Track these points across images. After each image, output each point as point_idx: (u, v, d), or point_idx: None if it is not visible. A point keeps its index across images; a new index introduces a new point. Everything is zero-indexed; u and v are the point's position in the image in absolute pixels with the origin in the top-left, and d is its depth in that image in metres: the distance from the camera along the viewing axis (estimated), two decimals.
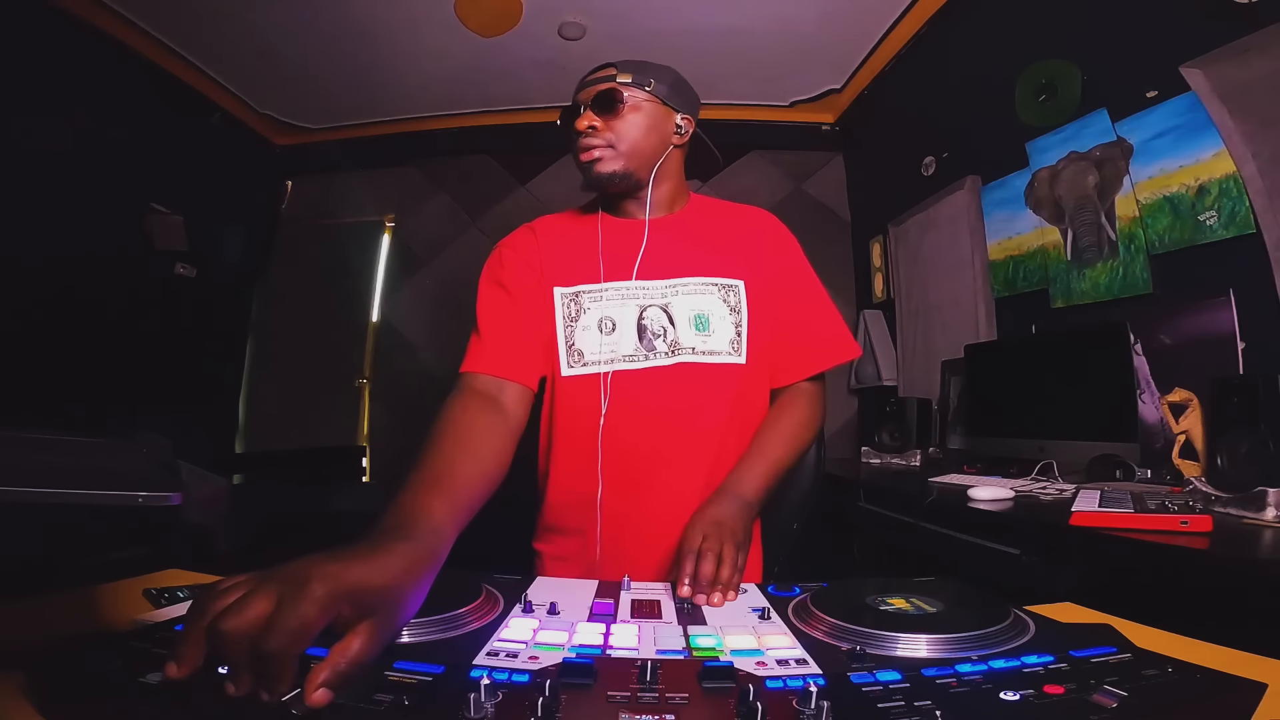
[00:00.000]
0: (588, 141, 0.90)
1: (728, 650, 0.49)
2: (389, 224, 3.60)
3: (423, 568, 0.49)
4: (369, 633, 0.41)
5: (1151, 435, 1.52)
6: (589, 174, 0.92)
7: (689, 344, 0.91)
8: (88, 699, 0.39)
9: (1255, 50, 1.38)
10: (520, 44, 2.76)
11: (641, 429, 0.90)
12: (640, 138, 0.91)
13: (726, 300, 0.94)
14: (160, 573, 0.68)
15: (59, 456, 0.58)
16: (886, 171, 3.03)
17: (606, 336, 0.91)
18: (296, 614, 0.38)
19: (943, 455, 2.30)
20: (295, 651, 0.38)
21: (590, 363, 0.91)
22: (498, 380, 0.87)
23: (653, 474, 0.90)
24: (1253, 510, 1.04)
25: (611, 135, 0.90)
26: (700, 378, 0.91)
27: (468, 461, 0.69)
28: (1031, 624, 0.54)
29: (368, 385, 3.50)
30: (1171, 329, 1.60)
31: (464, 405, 0.81)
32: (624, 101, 0.90)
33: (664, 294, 0.93)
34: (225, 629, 0.38)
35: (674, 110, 0.95)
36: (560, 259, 0.95)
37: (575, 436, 0.92)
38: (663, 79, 0.94)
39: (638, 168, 0.92)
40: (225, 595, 0.41)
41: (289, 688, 0.38)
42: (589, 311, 0.92)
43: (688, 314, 0.92)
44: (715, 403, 0.91)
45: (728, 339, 0.92)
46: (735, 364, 0.92)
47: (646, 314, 0.92)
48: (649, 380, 0.90)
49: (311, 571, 0.41)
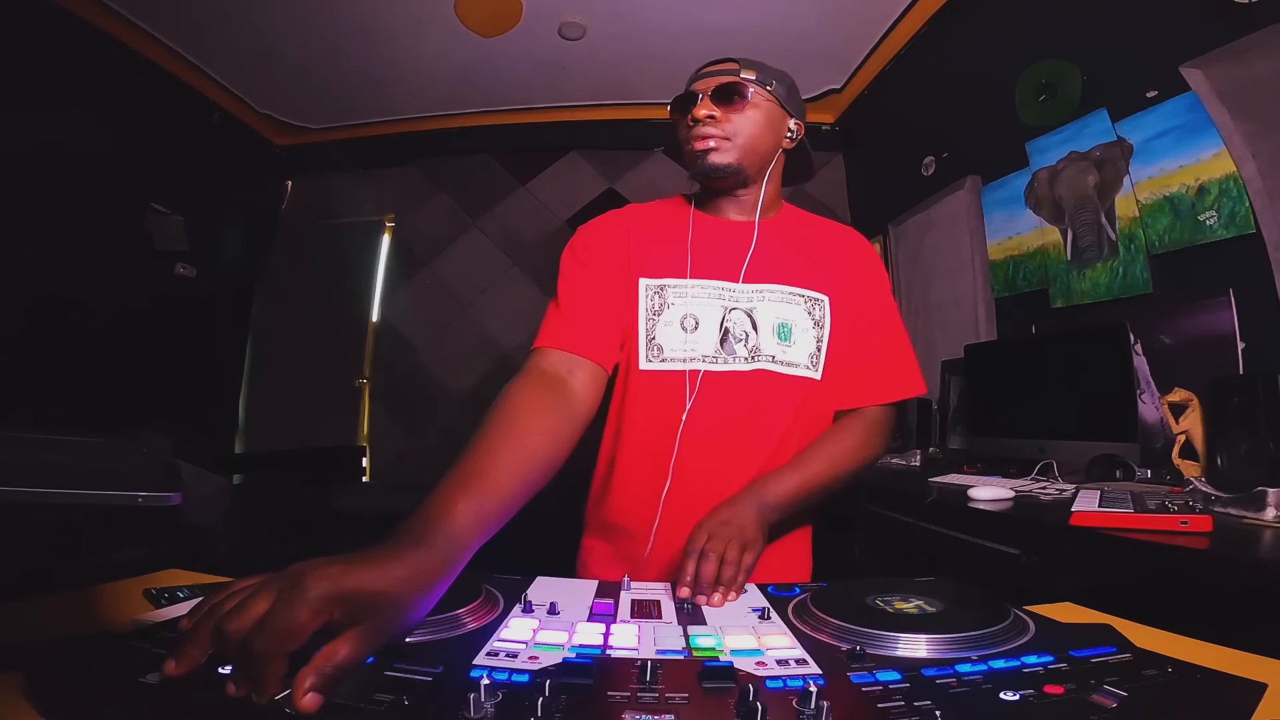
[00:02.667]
0: (705, 130, 0.87)
1: (728, 650, 0.49)
2: (389, 224, 3.60)
3: (431, 577, 0.48)
4: (357, 639, 0.40)
5: (1151, 435, 1.52)
6: (701, 163, 0.89)
7: (769, 352, 0.89)
8: (88, 699, 0.39)
9: (1255, 50, 1.38)
10: (520, 44, 2.76)
11: (712, 432, 0.88)
12: (757, 135, 0.89)
13: (811, 313, 0.92)
14: (160, 573, 0.68)
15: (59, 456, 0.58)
16: (886, 171, 3.03)
17: (689, 334, 0.89)
18: (286, 615, 0.38)
19: (943, 455, 2.30)
20: (280, 652, 0.37)
21: (670, 359, 0.89)
22: (570, 359, 0.83)
23: (715, 479, 0.88)
24: (1253, 510, 1.04)
25: (729, 127, 0.88)
26: (775, 387, 0.89)
27: (511, 454, 0.65)
28: (1031, 624, 0.54)
29: (368, 385, 3.50)
30: (1171, 329, 1.60)
31: (523, 388, 0.77)
32: (746, 96, 0.88)
33: (750, 298, 0.91)
34: (228, 629, 0.38)
35: (789, 114, 0.93)
36: (648, 249, 0.92)
37: (646, 434, 0.90)
38: (783, 81, 0.92)
39: (750, 164, 0.90)
40: (234, 595, 0.41)
41: (275, 689, 0.37)
42: (673, 306, 0.90)
43: (772, 321, 0.90)
44: (784, 414, 0.89)
45: (807, 352, 0.91)
46: (810, 378, 0.90)
47: (730, 316, 0.90)
48: (726, 383, 0.88)
49: (308, 573, 0.40)
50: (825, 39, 2.74)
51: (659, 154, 3.42)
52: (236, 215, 3.33)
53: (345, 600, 0.41)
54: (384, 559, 0.45)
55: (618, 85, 3.10)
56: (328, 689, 0.38)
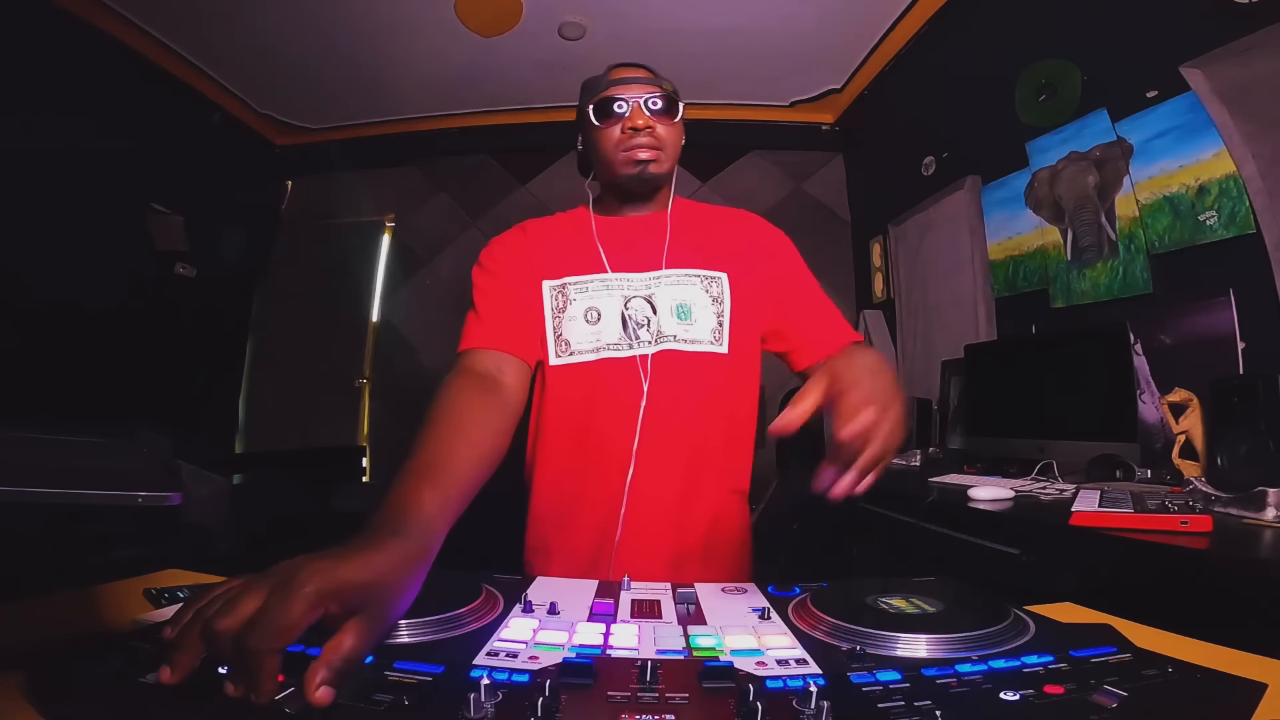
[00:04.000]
0: (645, 140, 0.92)
1: (728, 650, 0.49)
2: (389, 224, 3.60)
3: (413, 563, 0.49)
4: (359, 629, 0.41)
5: (1151, 435, 1.52)
6: (641, 173, 0.93)
7: (671, 332, 0.93)
8: (88, 699, 0.39)
9: (1255, 50, 1.38)
10: (520, 44, 2.76)
11: (626, 417, 0.91)
12: (679, 145, 0.96)
13: (709, 291, 0.96)
14: (160, 573, 0.68)
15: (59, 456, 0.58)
16: (886, 171, 3.03)
17: (592, 326, 0.93)
18: (281, 611, 0.38)
19: (943, 455, 2.30)
20: (276, 648, 0.37)
21: (576, 352, 0.93)
22: (497, 356, 0.88)
23: (635, 462, 0.91)
24: (1253, 510, 1.04)
25: (663, 139, 0.93)
26: (681, 366, 0.92)
27: (462, 448, 0.68)
28: (1031, 624, 0.54)
29: (368, 385, 3.50)
30: (1171, 329, 1.60)
31: (460, 387, 0.81)
32: (679, 112, 0.94)
33: (648, 285, 0.95)
34: (218, 629, 0.38)
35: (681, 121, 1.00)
36: (549, 254, 0.97)
37: (561, 427, 0.94)
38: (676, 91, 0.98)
39: (669, 175, 0.97)
40: (219, 597, 0.41)
41: (272, 686, 0.37)
42: (575, 302, 0.94)
43: (670, 304, 0.94)
44: (695, 391, 0.93)
45: (709, 328, 0.94)
46: (716, 353, 0.94)
47: (630, 304, 0.94)
48: (633, 368, 0.92)
49: (299, 569, 0.41)
50: (825, 39, 2.74)
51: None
52: (236, 215, 3.33)
53: (339, 593, 0.41)
54: (367, 550, 0.46)
55: None
56: (339, 682, 0.39)
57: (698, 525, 0.93)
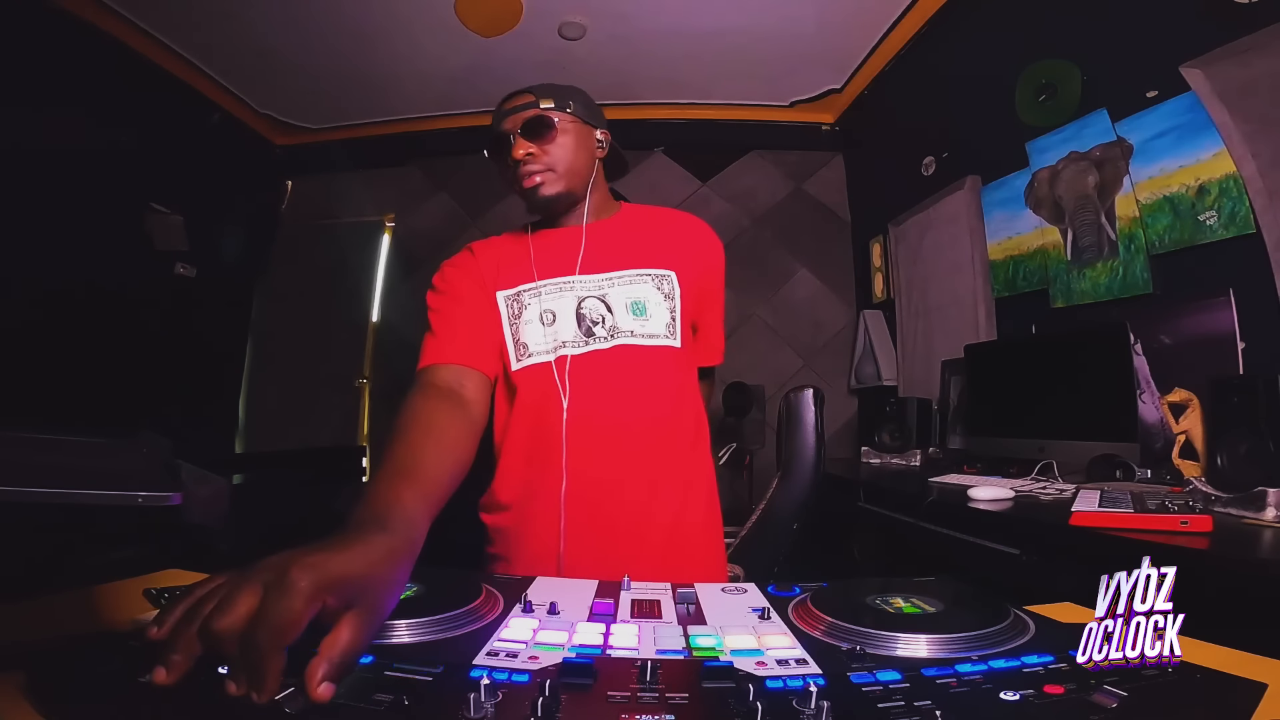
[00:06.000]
0: (528, 169, 0.94)
1: (728, 650, 0.49)
2: (389, 224, 3.60)
3: (400, 556, 0.49)
4: (356, 622, 0.41)
5: (1151, 435, 1.52)
6: (534, 198, 0.96)
7: (627, 328, 0.95)
8: (88, 699, 0.39)
9: (1255, 50, 1.38)
10: (520, 44, 2.76)
11: (593, 414, 0.92)
12: (572, 158, 0.97)
13: (660, 288, 0.98)
14: (160, 573, 0.68)
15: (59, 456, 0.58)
16: (886, 171, 3.03)
17: (548, 327, 0.95)
18: (283, 607, 0.38)
19: (943, 455, 2.30)
20: (282, 645, 0.37)
21: (535, 353, 0.95)
22: (458, 370, 0.89)
23: (604, 458, 0.92)
24: (1253, 510, 1.04)
25: (548, 159, 0.95)
26: (640, 359, 0.95)
27: (434, 453, 0.69)
28: (1031, 624, 0.54)
29: (368, 385, 3.50)
30: (1171, 329, 1.60)
31: (425, 398, 0.82)
32: (554, 126, 0.95)
33: (600, 286, 0.97)
34: (217, 629, 0.38)
35: (593, 127, 1.01)
36: (500, 268, 1.00)
37: (526, 429, 0.95)
38: (578, 99, 0.99)
39: (575, 186, 0.98)
40: (210, 595, 0.41)
41: (276, 686, 0.37)
42: (530, 307, 0.96)
43: (624, 301, 0.96)
44: (657, 383, 0.95)
45: (664, 323, 0.97)
46: (671, 346, 0.97)
47: (585, 304, 0.96)
48: (590, 364, 0.93)
49: (291, 563, 0.40)
50: (825, 39, 2.74)
51: (659, 154, 3.43)
52: (236, 215, 3.33)
53: (335, 586, 0.41)
54: (357, 543, 0.46)
55: (618, 85, 3.10)
56: (339, 677, 0.39)
57: (664, 517, 0.94)
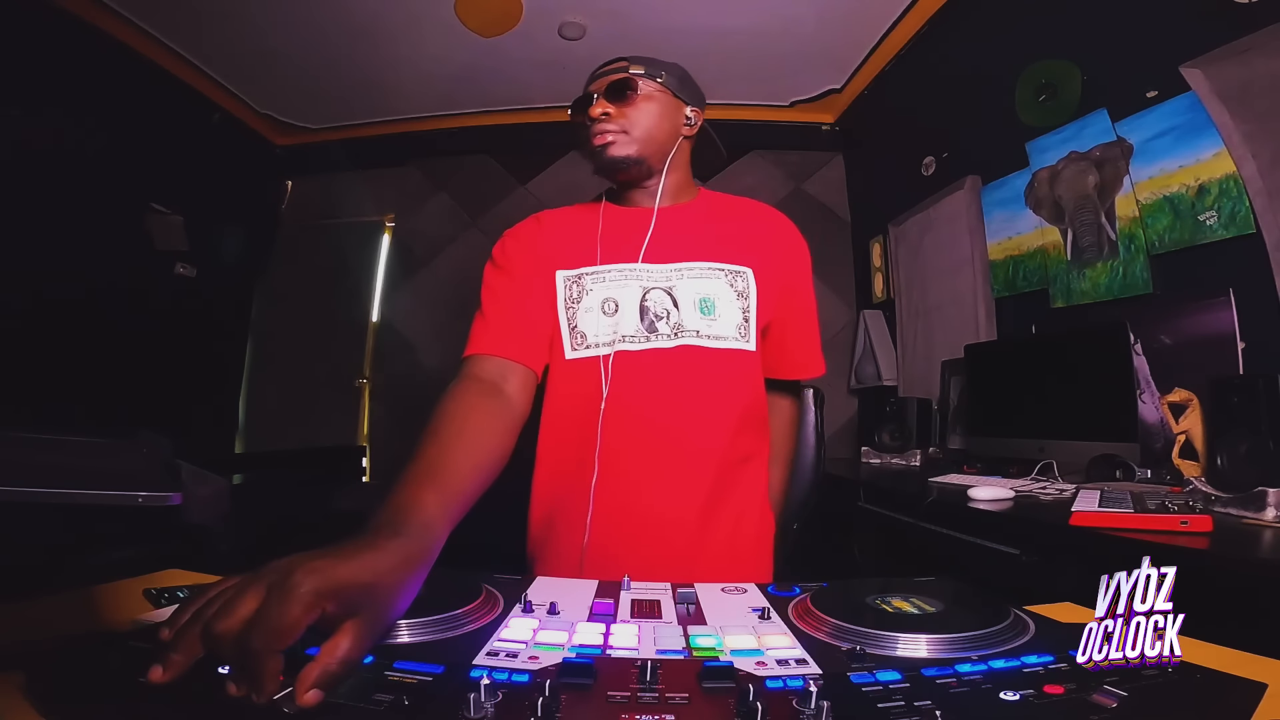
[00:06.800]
0: (601, 127, 0.91)
1: (728, 650, 0.49)
2: (389, 224, 3.60)
3: (413, 564, 0.48)
4: (356, 631, 0.41)
5: (1151, 435, 1.52)
6: (601, 157, 0.92)
7: (693, 327, 0.90)
8: (88, 699, 0.39)
9: (1255, 50, 1.38)
10: (520, 44, 2.76)
11: (643, 411, 0.87)
12: (653, 125, 0.92)
13: (734, 285, 0.92)
14: (160, 573, 0.68)
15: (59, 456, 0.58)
16: (886, 171, 3.03)
17: (608, 318, 0.90)
18: (280, 612, 0.38)
19: (943, 455, 2.30)
20: (277, 649, 0.37)
21: (593, 344, 0.90)
22: (502, 363, 0.86)
23: (653, 460, 0.87)
24: (1253, 510, 1.04)
25: (625, 121, 0.91)
26: (705, 362, 0.89)
27: (464, 453, 0.67)
28: (1031, 624, 0.54)
29: (368, 385, 3.50)
30: (1171, 329, 1.60)
31: (463, 392, 0.80)
32: (637, 90, 0.91)
33: (668, 277, 0.92)
34: (217, 631, 0.38)
35: (684, 102, 0.97)
36: (564, 244, 0.95)
37: (574, 421, 0.90)
38: (673, 72, 0.96)
39: (650, 154, 0.93)
40: (217, 598, 0.40)
41: (274, 687, 0.37)
42: (591, 293, 0.91)
43: (692, 297, 0.91)
44: (721, 388, 0.90)
45: (734, 324, 0.91)
46: (743, 350, 0.91)
47: (649, 296, 0.91)
48: (650, 361, 0.88)
49: (295, 568, 0.40)
50: (825, 39, 2.74)
51: None
52: (236, 215, 3.33)
53: (336, 593, 0.41)
54: (366, 550, 0.45)
55: None
56: (332, 685, 0.38)
57: (723, 527, 0.89)
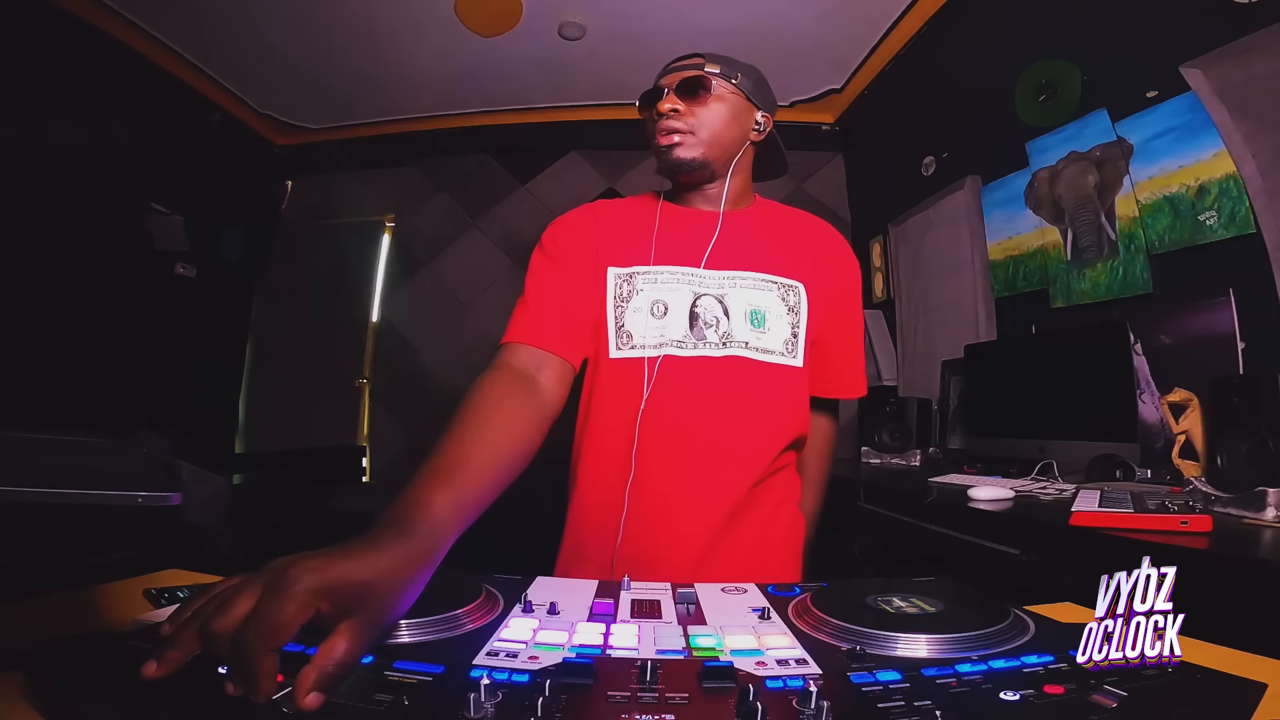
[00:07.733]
0: (669, 124, 0.89)
1: (728, 650, 0.49)
2: (389, 224, 3.60)
3: (415, 566, 0.47)
4: (352, 632, 0.40)
5: (1151, 435, 1.52)
6: (666, 158, 0.90)
7: (742, 338, 0.88)
8: (88, 699, 0.39)
9: (1255, 50, 1.38)
10: (520, 44, 2.76)
11: (685, 418, 0.86)
12: (722, 128, 0.90)
13: (785, 299, 0.91)
14: (160, 573, 0.68)
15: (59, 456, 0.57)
16: (886, 171, 3.03)
17: (656, 320, 0.88)
18: (273, 611, 0.38)
19: (943, 455, 2.30)
20: (269, 648, 0.37)
21: (638, 345, 0.88)
22: (538, 353, 0.84)
23: (690, 468, 0.86)
24: (1253, 510, 1.04)
25: (694, 121, 0.89)
26: (751, 374, 0.88)
27: (485, 448, 0.65)
28: (1031, 624, 0.54)
29: (368, 385, 3.50)
30: (1171, 329, 1.60)
31: (493, 383, 0.77)
32: (710, 89, 0.89)
33: (720, 284, 0.90)
34: (213, 629, 0.38)
35: (756, 107, 0.94)
36: (618, 239, 0.93)
37: (614, 422, 0.88)
38: (749, 75, 0.93)
39: (715, 158, 0.90)
40: (215, 596, 0.40)
41: (270, 686, 0.37)
42: (642, 293, 0.89)
43: (743, 308, 0.89)
44: (768, 402, 0.88)
45: (783, 338, 0.90)
46: (790, 365, 0.90)
47: (700, 302, 0.89)
48: (697, 369, 0.87)
49: (292, 567, 0.40)
50: (825, 39, 2.74)
51: None
52: (236, 215, 3.33)
53: (332, 592, 0.40)
54: (367, 549, 0.45)
55: (618, 85, 3.10)
56: (329, 686, 0.38)
57: (751, 533, 0.88)
